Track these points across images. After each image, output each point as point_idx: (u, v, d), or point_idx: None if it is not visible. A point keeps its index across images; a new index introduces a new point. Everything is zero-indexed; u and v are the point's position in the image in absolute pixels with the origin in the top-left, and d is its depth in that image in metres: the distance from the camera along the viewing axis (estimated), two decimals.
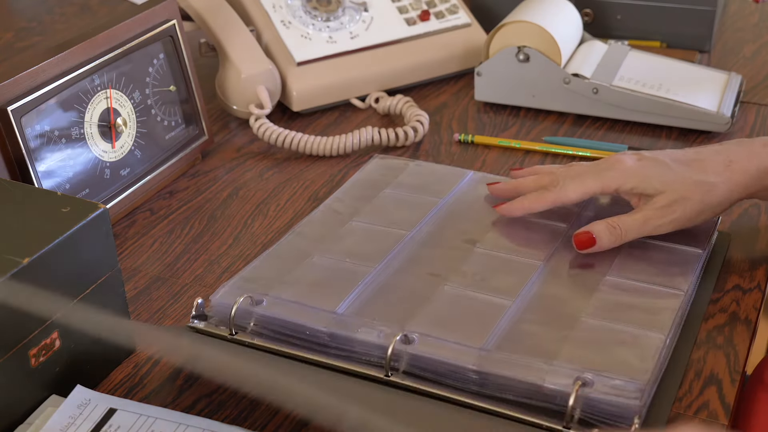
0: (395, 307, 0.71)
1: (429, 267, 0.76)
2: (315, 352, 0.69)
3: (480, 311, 0.70)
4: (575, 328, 0.69)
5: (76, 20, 1.35)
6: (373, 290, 0.73)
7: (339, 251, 0.77)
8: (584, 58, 1.05)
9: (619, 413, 0.61)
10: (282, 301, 0.71)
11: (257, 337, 0.70)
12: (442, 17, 1.13)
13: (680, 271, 0.75)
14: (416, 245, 0.79)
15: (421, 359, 0.66)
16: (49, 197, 0.69)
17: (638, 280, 0.74)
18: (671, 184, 0.76)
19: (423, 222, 0.81)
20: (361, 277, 0.74)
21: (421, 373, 0.66)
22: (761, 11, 1.30)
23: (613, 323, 0.69)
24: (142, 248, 0.86)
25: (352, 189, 0.88)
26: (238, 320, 0.70)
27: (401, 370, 0.67)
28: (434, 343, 0.67)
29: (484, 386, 0.65)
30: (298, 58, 1.05)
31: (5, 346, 0.62)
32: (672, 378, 0.68)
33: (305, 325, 0.69)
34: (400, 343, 0.67)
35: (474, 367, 0.65)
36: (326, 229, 0.81)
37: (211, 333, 0.71)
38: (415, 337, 0.67)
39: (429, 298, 0.72)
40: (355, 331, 0.68)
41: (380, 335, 0.68)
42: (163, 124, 0.94)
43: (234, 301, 0.70)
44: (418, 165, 0.91)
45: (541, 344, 0.67)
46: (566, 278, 0.75)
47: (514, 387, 0.64)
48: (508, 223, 0.81)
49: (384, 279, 0.75)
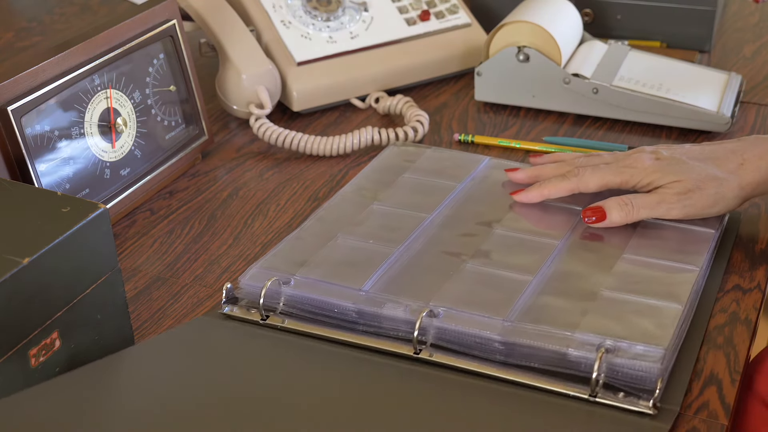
0: (419, 284, 0.74)
1: (449, 247, 0.78)
2: (344, 329, 0.71)
3: (502, 286, 0.73)
4: (595, 300, 0.71)
5: (76, 20, 1.35)
6: (396, 269, 0.76)
7: (362, 233, 0.80)
8: (584, 58, 1.05)
9: (642, 378, 0.64)
10: (309, 280, 0.74)
11: (287, 317, 0.73)
12: (442, 17, 1.13)
13: (695, 249, 0.77)
14: (436, 227, 0.81)
15: (448, 332, 0.69)
16: (49, 197, 0.69)
17: (654, 257, 0.76)
18: (687, 173, 0.79)
19: (442, 205, 0.84)
20: (384, 256, 0.76)
21: (448, 345, 0.69)
22: (761, 11, 1.30)
23: (631, 296, 0.72)
24: (142, 248, 0.86)
25: (372, 174, 0.90)
26: (268, 301, 0.73)
27: (429, 343, 0.69)
28: (459, 316, 0.69)
29: (509, 356, 0.67)
30: (298, 58, 1.05)
31: (5, 346, 0.62)
32: (689, 350, 0.70)
33: (333, 303, 0.72)
34: (426, 318, 0.69)
35: (499, 338, 0.67)
36: (348, 212, 0.83)
37: (244, 319, 0.73)
38: (440, 311, 0.70)
39: (451, 276, 0.74)
40: (382, 307, 0.71)
41: (406, 310, 0.70)
42: (163, 124, 0.94)
43: (263, 283, 0.73)
44: (436, 151, 0.93)
45: (562, 316, 0.69)
46: (584, 256, 0.78)
47: (539, 355, 0.67)
48: (525, 205, 0.84)
49: (407, 258, 0.77)
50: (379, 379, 0.67)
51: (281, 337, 0.72)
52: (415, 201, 0.84)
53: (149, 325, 0.76)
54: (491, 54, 1.05)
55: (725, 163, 0.80)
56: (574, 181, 0.81)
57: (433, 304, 0.70)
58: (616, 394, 0.64)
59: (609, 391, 0.65)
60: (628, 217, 0.79)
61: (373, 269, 0.75)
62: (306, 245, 0.79)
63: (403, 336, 0.70)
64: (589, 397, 0.64)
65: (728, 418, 0.66)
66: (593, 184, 0.81)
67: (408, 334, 0.70)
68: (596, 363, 0.64)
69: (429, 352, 0.69)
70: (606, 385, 0.65)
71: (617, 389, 0.65)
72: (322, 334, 0.71)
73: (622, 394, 0.64)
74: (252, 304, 0.74)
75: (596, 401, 0.64)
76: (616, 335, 0.67)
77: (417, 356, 0.69)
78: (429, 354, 0.69)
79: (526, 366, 0.67)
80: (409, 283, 0.74)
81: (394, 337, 0.70)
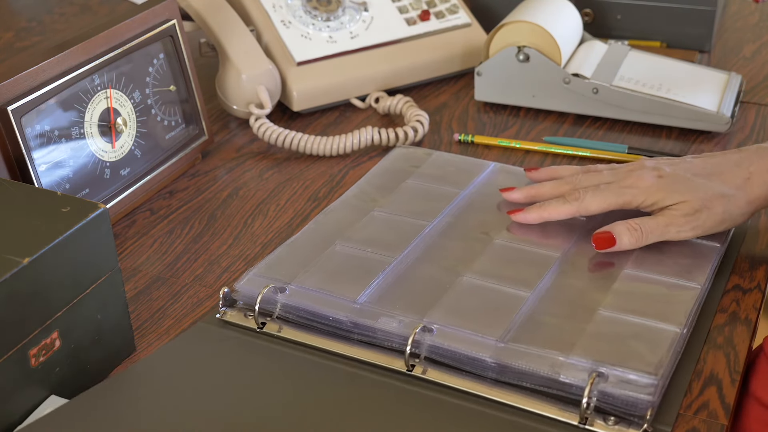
0: (415, 296, 0.73)
1: (448, 258, 0.78)
2: (339, 337, 0.71)
3: (498, 302, 0.72)
4: (592, 320, 0.70)
5: (76, 20, 1.35)
6: (393, 280, 0.75)
7: (361, 240, 0.79)
8: (584, 58, 1.05)
9: (634, 405, 0.63)
10: (305, 290, 0.74)
11: (283, 323, 0.73)
12: (442, 17, 1.13)
13: (698, 264, 0.76)
14: (436, 236, 0.81)
15: (441, 349, 0.68)
16: (49, 197, 0.69)
17: (656, 273, 0.75)
18: (694, 193, 0.77)
19: (443, 213, 0.83)
20: (381, 266, 0.76)
21: (441, 360, 0.68)
22: (761, 11, 1.30)
23: (629, 316, 0.71)
24: (142, 248, 0.86)
25: (375, 179, 0.90)
26: (264, 306, 0.73)
27: (422, 356, 0.69)
28: (453, 334, 0.69)
29: (502, 374, 0.67)
30: (298, 58, 1.05)
31: (5, 346, 0.62)
32: (690, 350, 0.70)
33: (328, 314, 0.72)
34: (419, 334, 0.69)
35: (491, 359, 0.67)
36: (348, 218, 0.83)
37: (240, 325, 0.73)
38: (434, 327, 0.69)
39: (448, 289, 0.74)
40: (376, 320, 0.71)
41: (400, 325, 0.70)
42: (163, 124, 0.94)
43: (259, 290, 0.73)
44: (440, 155, 0.93)
45: (557, 336, 0.69)
46: (584, 271, 0.77)
47: (531, 377, 0.66)
48: None
49: (404, 269, 0.77)
50: (372, 398, 0.67)
51: (277, 348, 0.71)
52: (417, 208, 0.84)
53: (149, 325, 0.76)
54: (491, 54, 1.05)
55: (731, 179, 0.78)
56: (575, 206, 0.79)
57: (428, 320, 0.70)
58: (607, 418, 0.64)
59: (600, 414, 0.64)
60: (638, 242, 0.77)
61: (369, 279, 0.74)
62: (304, 251, 0.79)
63: (397, 347, 0.70)
64: (579, 424, 0.64)
65: (728, 418, 0.66)
66: (595, 208, 0.79)
67: (401, 346, 0.69)
68: (587, 388, 0.63)
69: (422, 367, 0.68)
70: (597, 409, 0.64)
71: (608, 413, 0.64)
72: (318, 346, 0.71)
73: (613, 419, 0.64)
74: (249, 308, 0.74)
75: (586, 428, 0.63)
76: (610, 360, 0.65)
77: (410, 373, 0.68)
78: (422, 370, 0.68)
79: (519, 384, 0.67)
80: (404, 295, 0.73)
81: (388, 348, 0.70)
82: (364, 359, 0.70)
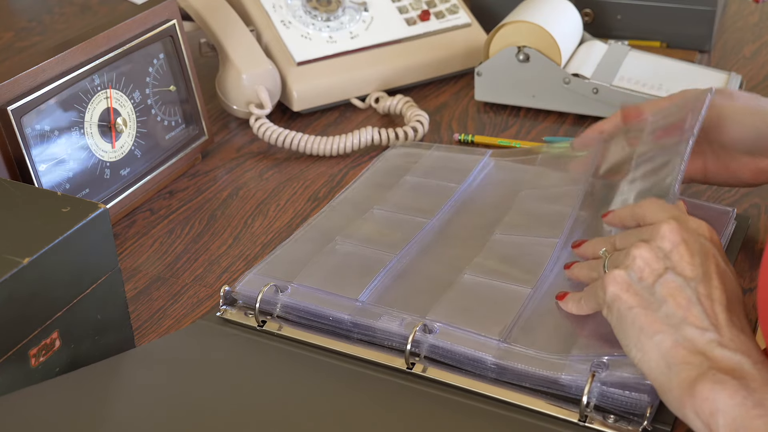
0: (416, 295, 0.73)
1: (449, 255, 0.78)
2: (339, 336, 0.71)
3: (499, 299, 0.72)
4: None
5: (76, 20, 1.35)
6: (394, 277, 0.75)
7: (361, 238, 0.79)
8: (584, 58, 1.05)
9: (633, 404, 0.63)
10: (305, 288, 0.74)
11: (284, 322, 0.73)
12: (442, 17, 1.13)
13: None
14: (436, 233, 0.81)
15: (441, 349, 0.68)
16: (49, 197, 0.69)
17: None
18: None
19: (442, 209, 0.83)
20: (382, 264, 0.76)
21: (441, 359, 0.68)
22: (761, 11, 1.30)
23: None
24: (142, 248, 0.86)
25: (374, 177, 0.90)
26: (264, 306, 0.73)
27: (422, 355, 0.69)
28: (454, 333, 0.69)
29: (502, 375, 0.67)
30: (298, 58, 1.05)
31: (5, 346, 0.62)
32: None
33: (329, 313, 0.72)
34: (420, 333, 0.69)
35: (492, 360, 0.67)
36: (348, 216, 0.83)
37: (241, 324, 0.73)
38: (435, 327, 0.69)
39: (449, 287, 0.73)
40: (377, 319, 0.71)
41: (401, 324, 0.70)
42: (163, 124, 0.94)
43: (259, 289, 0.73)
44: (437, 149, 0.93)
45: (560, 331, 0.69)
46: None
47: (532, 377, 0.66)
48: (524, 205, 0.83)
49: (405, 266, 0.77)
50: (372, 395, 0.67)
51: (277, 346, 0.71)
52: (416, 204, 0.84)
53: (149, 325, 0.76)
54: (491, 54, 1.05)
55: None
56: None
57: (429, 319, 0.70)
58: (607, 416, 0.64)
59: (600, 412, 0.64)
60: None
61: (370, 277, 0.74)
62: (304, 249, 0.79)
63: (397, 347, 0.70)
64: (579, 421, 0.64)
65: None
66: None
67: (402, 345, 0.69)
68: (586, 387, 0.63)
69: (422, 365, 0.68)
70: (597, 407, 0.64)
71: (608, 411, 0.64)
72: (318, 344, 0.71)
73: (612, 417, 0.64)
74: (249, 307, 0.74)
75: (586, 426, 0.64)
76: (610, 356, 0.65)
77: (410, 371, 0.68)
78: (422, 368, 0.68)
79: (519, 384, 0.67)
80: (405, 294, 0.73)
81: (388, 346, 0.70)
82: (364, 357, 0.70)
